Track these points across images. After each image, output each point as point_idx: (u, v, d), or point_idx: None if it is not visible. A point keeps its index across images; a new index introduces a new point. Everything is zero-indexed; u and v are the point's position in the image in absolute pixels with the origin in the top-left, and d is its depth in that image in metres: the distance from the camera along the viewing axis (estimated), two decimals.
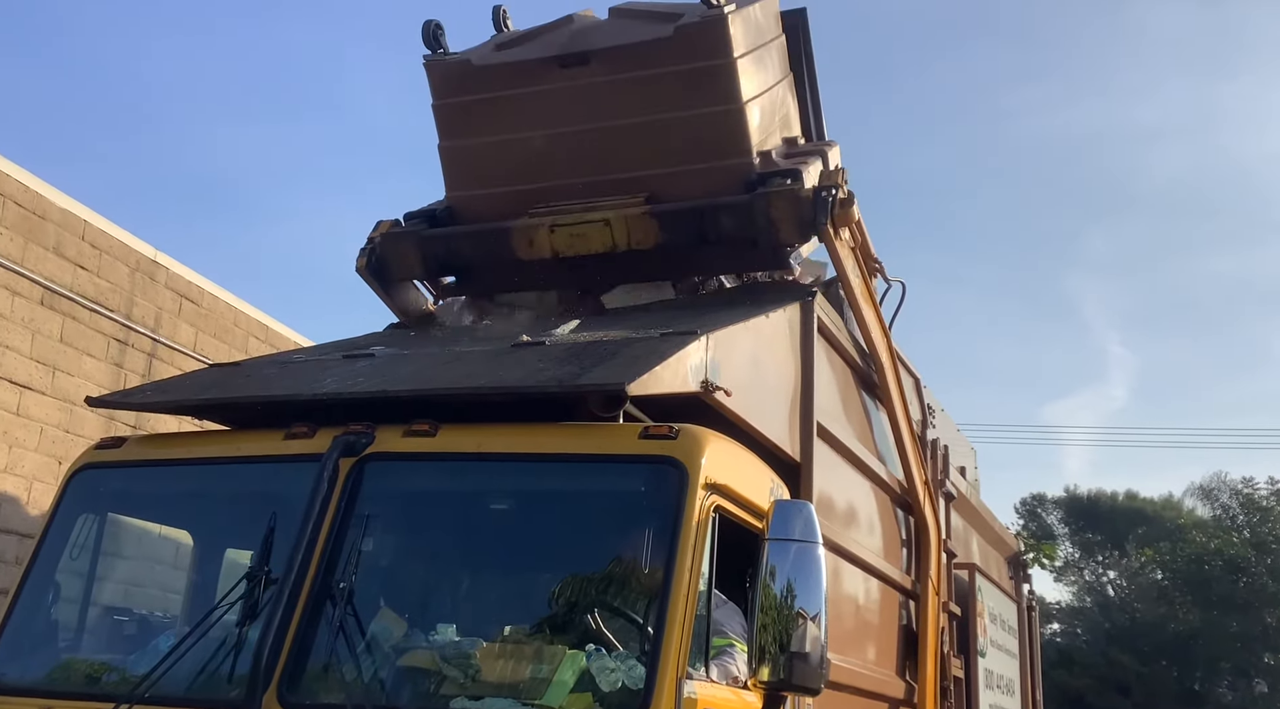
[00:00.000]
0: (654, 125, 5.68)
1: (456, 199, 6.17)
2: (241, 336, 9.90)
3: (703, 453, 3.87)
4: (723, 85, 5.59)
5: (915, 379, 7.41)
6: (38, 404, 7.83)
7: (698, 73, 5.59)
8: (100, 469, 4.56)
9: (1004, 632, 9.06)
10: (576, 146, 5.81)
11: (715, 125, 5.63)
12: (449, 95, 5.98)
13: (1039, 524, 38.96)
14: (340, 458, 3.98)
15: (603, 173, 5.77)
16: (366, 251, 6.18)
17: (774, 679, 3.53)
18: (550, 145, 5.84)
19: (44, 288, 7.90)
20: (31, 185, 7.84)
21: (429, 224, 6.16)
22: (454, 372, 4.52)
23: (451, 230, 6.11)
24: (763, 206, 5.53)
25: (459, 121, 6.01)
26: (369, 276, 6.20)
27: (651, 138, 5.70)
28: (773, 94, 6.07)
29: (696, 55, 5.59)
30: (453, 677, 3.61)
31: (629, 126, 5.72)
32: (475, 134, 5.99)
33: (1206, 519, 38.65)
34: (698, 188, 5.67)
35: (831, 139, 6.67)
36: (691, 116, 5.64)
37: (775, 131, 6.05)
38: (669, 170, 5.71)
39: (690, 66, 5.59)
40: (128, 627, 4.76)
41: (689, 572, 3.67)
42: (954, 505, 7.85)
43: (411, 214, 6.27)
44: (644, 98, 5.65)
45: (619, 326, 4.89)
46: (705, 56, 5.58)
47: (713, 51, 5.57)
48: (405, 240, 6.13)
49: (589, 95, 5.72)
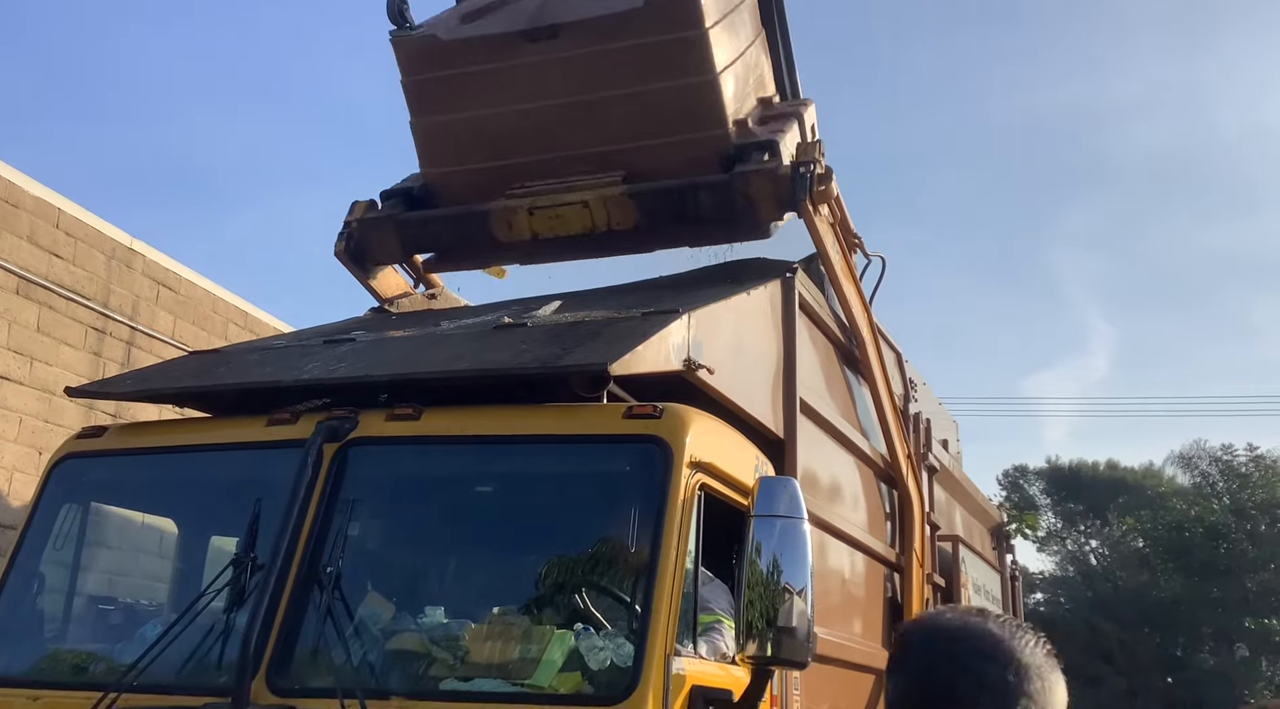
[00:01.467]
0: (626, 98, 5.63)
1: (432, 176, 6.12)
2: (221, 323, 9.84)
3: (687, 431, 3.88)
4: (695, 57, 5.52)
5: (897, 354, 7.44)
6: (16, 394, 7.78)
7: (669, 44, 5.52)
8: (82, 458, 4.53)
9: (988, 602, 9.13)
10: (549, 121, 5.75)
11: (688, 97, 5.58)
12: (417, 72, 5.89)
13: (1021, 495, 39.30)
14: (324, 443, 3.97)
15: (577, 147, 5.73)
16: (344, 236, 6.14)
17: (761, 654, 3.55)
18: (522, 121, 5.78)
19: (19, 277, 7.82)
20: (3, 173, 7.76)
21: (406, 203, 6.12)
22: (436, 355, 4.51)
23: (429, 213, 6.09)
24: (741, 185, 5.52)
25: (429, 98, 5.94)
26: (347, 260, 6.17)
27: (624, 111, 5.65)
28: (746, 58, 6.00)
29: (667, 26, 5.51)
30: (442, 659, 3.62)
31: (601, 100, 5.66)
32: (446, 111, 5.93)
33: (1187, 487, 39.05)
34: (674, 161, 5.64)
35: (807, 97, 6.56)
36: (664, 88, 5.57)
37: (750, 95, 5.99)
38: (643, 144, 5.66)
39: (661, 38, 5.52)
40: (114, 616, 4.75)
41: (675, 550, 3.68)
42: (937, 478, 7.89)
43: (388, 192, 6.23)
44: (615, 71, 5.58)
45: (601, 307, 4.88)
46: (676, 28, 5.50)
47: (684, 22, 5.49)
48: (383, 224, 6.09)
49: (559, 69, 5.65)
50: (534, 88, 5.70)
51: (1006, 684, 1.69)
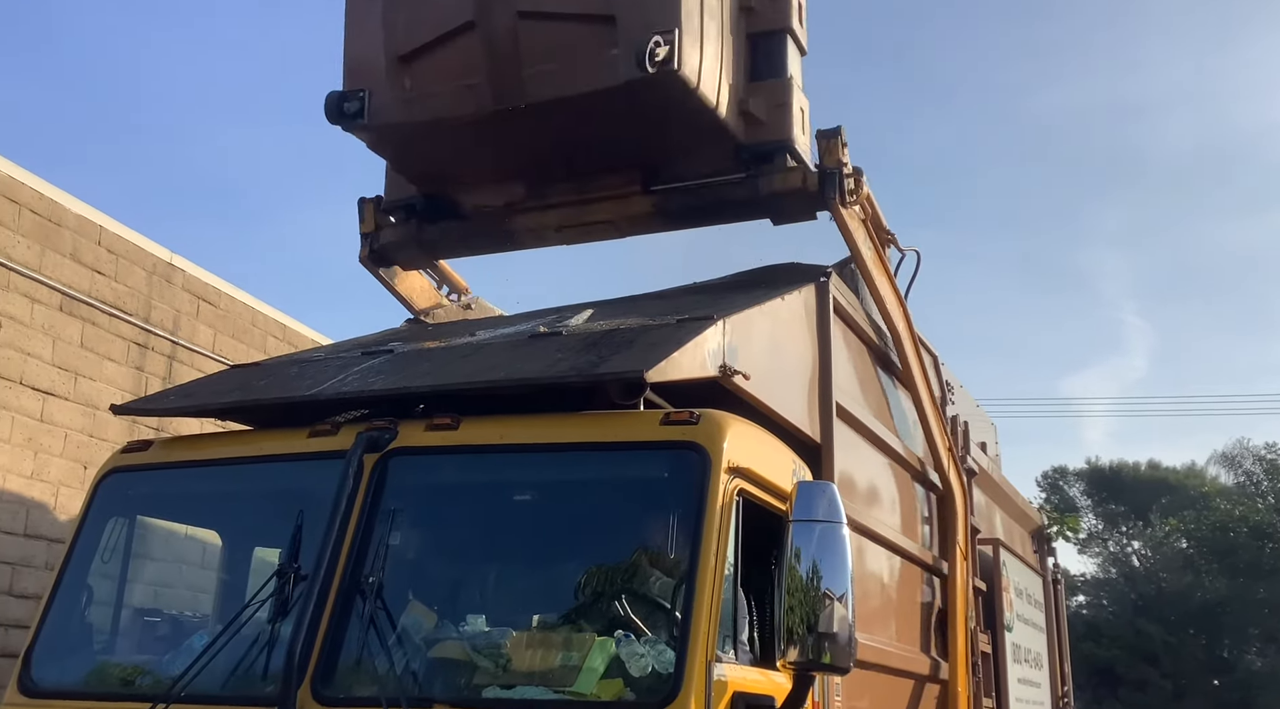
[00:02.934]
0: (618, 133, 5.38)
1: (430, 191, 6.05)
2: (260, 336, 9.94)
3: (724, 437, 3.89)
4: (693, 106, 5.16)
5: (933, 356, 7.40)
6: (61, 410, 7.89)
7: (664, 105, 5.13)
8: (128, 473, 4.60)
9: (1030, 606, 9.06)
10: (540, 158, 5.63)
11: (690, 128, 5.35)
12: (388, 149, 5.76)
13: (1061, 497, 38.88)
14: (364, 454, 4.01)
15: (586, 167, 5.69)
16: (368, 243, 6.25)
17: (803, 659, 3.54)
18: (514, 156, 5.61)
19: (62, 294, 7.94)
20: (47, 192, 7.88)
21: (408, 214, 6.15)
22: (473, 365, 4.54)
23: (451, 226, 6.15)
24: (767, 187, 5.55)
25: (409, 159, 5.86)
26: (372, 266, 6.28)
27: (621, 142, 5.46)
28: (721, 53, 5.35)
29: (662, 96, 5.05)
30: (484, 667, 3.64)
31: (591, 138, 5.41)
32: (427, 163, 5.79)
33: (1230, 486, 38.51)
34: (689, 167, 5.66)
35: None
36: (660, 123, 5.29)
37: (731, 76, 5.44)
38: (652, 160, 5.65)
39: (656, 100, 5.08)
40: (160, 628, 4.81)
41: (714, 556, 3.69)
42: (976, 481, 7.84)
43: (389, 207, 6.22)
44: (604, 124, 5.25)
45: (635, 314, 4.90)
46: (672, 95, 5.07)
47: (678, 89, 5.04)
48: (404, 235, 6.19)
49: (538, 129, 5.31)
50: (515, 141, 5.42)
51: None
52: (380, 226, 6.24)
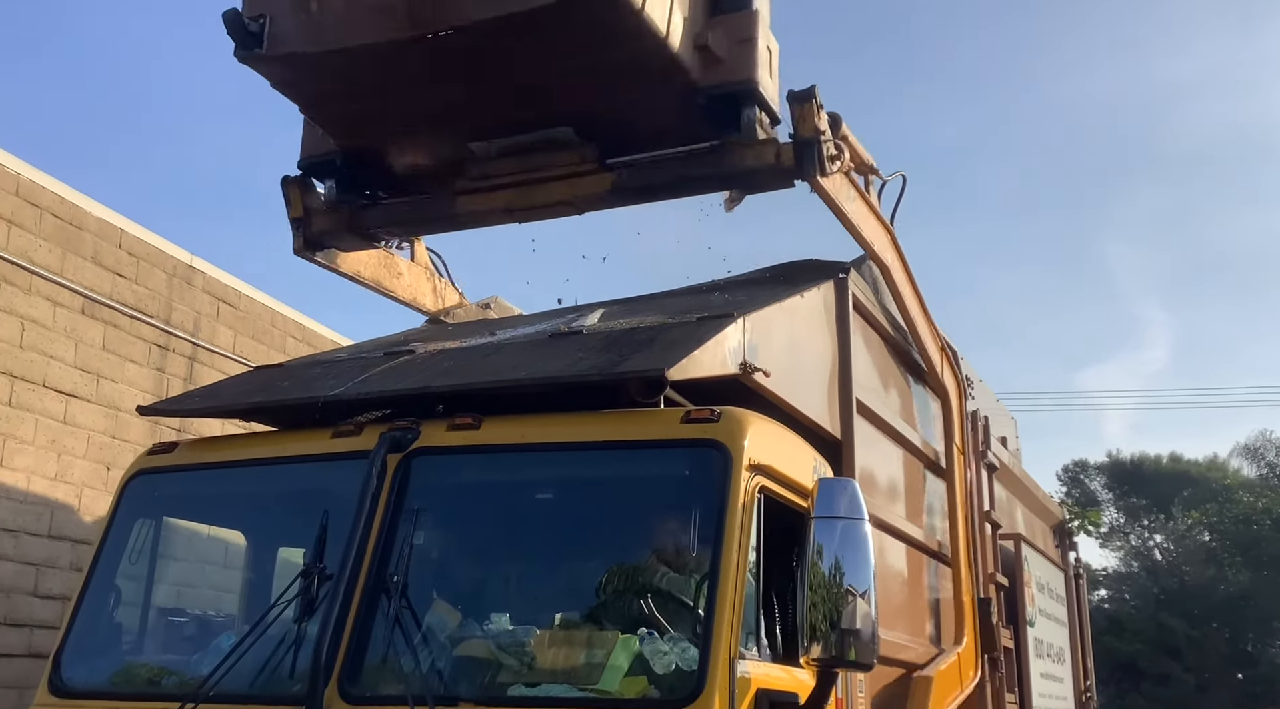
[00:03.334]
0: (561, 73, 4.77)
1: (348, 147, 5.40)
2: (280, 337, 10.00)
3: (745, 434, 3.90)
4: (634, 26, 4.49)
5: (953, 351, 7.39)
6: (84, 412, 7.96)
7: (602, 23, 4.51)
8: (155, 474, 4.64)
9: (1052, 600, 9.04)
10: (458, 100, 4.95)
11: (639, 64, 4.71)
12: (294, 88, 5.01)
13: (1082, 491, 38.69)
14: (388, 454, 4.04)
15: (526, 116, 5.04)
16: (299, 231, 5.66)
17: (826, 656, 3.56)
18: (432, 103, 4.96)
19: (84, 297, 8.01)
20: (67, 196, 7.95)
21: (338, 176, 5.48)
22: (494, 365, 4.57)
23: (390, 202, 5.69)
24: (737, 162, 5.05)
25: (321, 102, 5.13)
26: (308, 255, 5.76)
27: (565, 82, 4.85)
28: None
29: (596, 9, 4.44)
30: (509, 665, 3.66)
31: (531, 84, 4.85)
32: (345, 100, 5.05)
33: (1253, 479, 38.27)
34: (642, 122, 5.08)
35: None
36: (605, 58, 4.68)
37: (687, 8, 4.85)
38: (600, 112, 5.00)
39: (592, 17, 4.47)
40: (187, 628, 4.86)
41: (736, 553, 3.70)
42: (996, 476, 7.83)
43: (309, 165, 5.53)
44: (537, 57, 4.68)
45: (653, 312, 4.91)
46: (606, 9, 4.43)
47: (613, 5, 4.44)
48: (337, 214, 5.65)
49: (464, 57, 4.69)
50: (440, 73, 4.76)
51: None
52: (310, 210, 5.62)
